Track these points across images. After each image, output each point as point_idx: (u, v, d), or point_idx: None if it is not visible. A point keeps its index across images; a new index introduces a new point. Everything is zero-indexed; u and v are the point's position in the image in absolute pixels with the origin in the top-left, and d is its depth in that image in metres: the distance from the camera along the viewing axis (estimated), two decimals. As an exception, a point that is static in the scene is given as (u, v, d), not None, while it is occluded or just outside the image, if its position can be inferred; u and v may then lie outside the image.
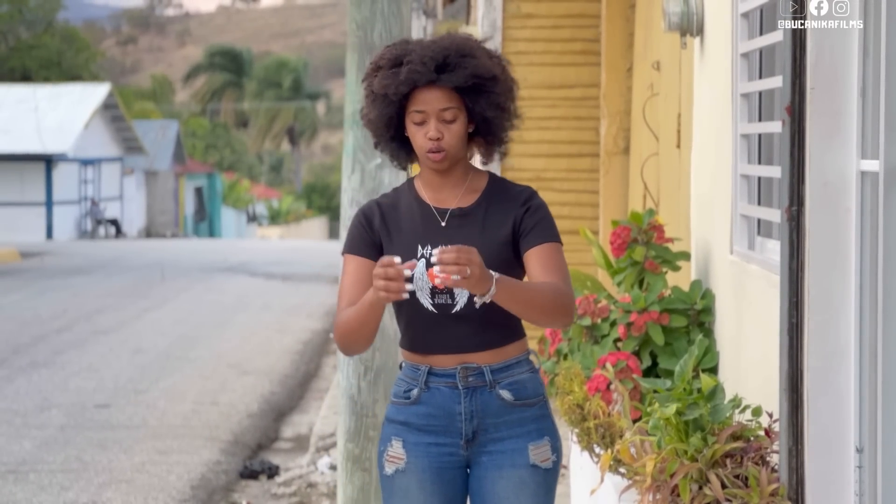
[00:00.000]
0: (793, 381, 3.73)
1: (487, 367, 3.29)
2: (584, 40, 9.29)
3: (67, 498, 7.31)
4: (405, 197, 3.38)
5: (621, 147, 8.87)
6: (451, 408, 3.31)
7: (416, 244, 3.29)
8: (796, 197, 3.69)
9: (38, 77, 48.43)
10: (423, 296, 3.27)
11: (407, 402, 3.34)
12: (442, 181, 3.34)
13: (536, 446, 3.33)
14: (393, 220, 3.34)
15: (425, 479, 3.33)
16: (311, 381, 11.98)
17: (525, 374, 3.34)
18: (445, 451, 3.33)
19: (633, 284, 5.80)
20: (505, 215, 3.31)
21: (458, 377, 3.28)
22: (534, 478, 3.34)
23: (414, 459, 3.33)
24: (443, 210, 3.33)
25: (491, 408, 3.31)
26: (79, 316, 15.92)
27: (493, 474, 3.32)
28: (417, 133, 3.26)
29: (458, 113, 3.25)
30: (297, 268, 24.04)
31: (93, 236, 41.26)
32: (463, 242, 3.24)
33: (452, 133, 3.25)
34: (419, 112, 3.24)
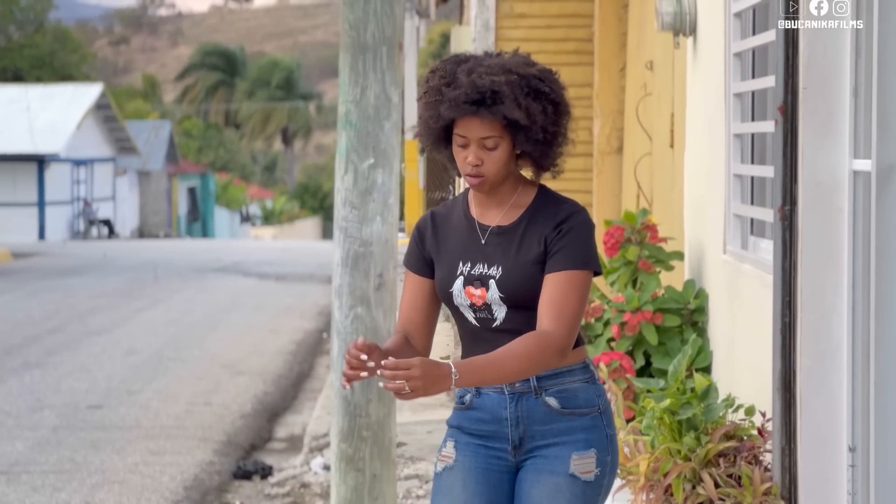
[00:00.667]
0: (786, 381, 3.74)
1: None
2: (577, 40, 9.29)
3: (60, 499, 7.30)
4: (457, 209, 3.38)
5: (615, 147, 8.88)
6: (498, 413, 3.31)
7: (458, 261, 3.30)
8: (789, 196, 3.70)
9: (29, 77, 48.36)
10: (466, 311, 3.28)
11: (462, 408, 3.37)
12: (487, 198, 3.31)
13: (580, 456, 3.27)
14: (443, 234, 3.35)
15: (470, 477, 3.33)
16: (304, 382, 11.97)
17: (577, 384, 3.29)
18: (493, 454, 3.33)
19: (626, 284, 5.81)
20: (539, 232, 3.25)
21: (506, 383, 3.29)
22: (571, 488, 3.28)
23: (462, 458, 3.35)
24: (485, 227, 3.31)
25: (536, 414, 3.29)
26: (71, 317, 15.90)
27: (531, 478, 3.31)
28: (459, 155, 3.24)
29: (500, 141, 3.20)
30: (291, 268, 24.03)
31: (85, 237, 41.20)
32: (497, 262, 3.24)
33: (493, 160, 3.21)
34: (461, 136, 3.22)
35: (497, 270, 3.25)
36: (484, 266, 3.26)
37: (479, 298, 3.26)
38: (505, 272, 3.24)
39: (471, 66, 3.20)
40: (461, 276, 3.28)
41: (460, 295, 3.27)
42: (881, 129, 3.45)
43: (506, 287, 3.24)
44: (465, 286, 3.26)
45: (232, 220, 53.92)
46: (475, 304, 3.27)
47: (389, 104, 5.56)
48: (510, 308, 3.24)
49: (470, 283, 3.25)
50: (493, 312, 3.26)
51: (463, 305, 3.28)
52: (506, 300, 3.24)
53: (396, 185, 5.80)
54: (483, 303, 3.23)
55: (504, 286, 3.23)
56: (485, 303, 3.24)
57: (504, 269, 3.25)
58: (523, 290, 3.22)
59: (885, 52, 3.44)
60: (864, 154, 3.57)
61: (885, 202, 3.46)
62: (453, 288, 3.28)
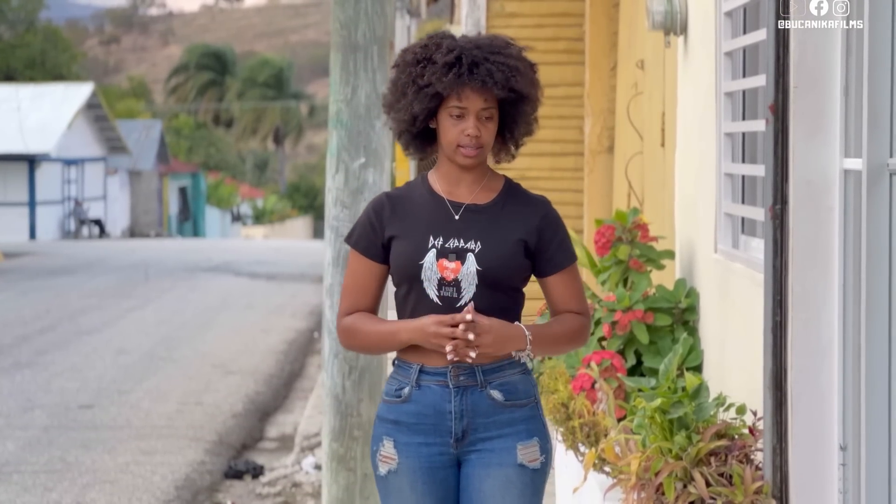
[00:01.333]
0: (777, 379, 3.74)
1: (479, 367, 3.31)
2: (567, 39, 9.29)
3: (51, 499, 7.29)
4: (418, 189, 3.41)
5: (605, 146, 8.88)
6: (441, 406, 3.32)
7: (429, 234, 3.32)
8: (780, 195, 3.70)
9: (20, 77, 48.25)
10: (431, 287, 3.29)
11: (398, 401, 3.35)
12: (460, 176, 3.37)
13: (525, 446, 3.34)
14: (404, 211, 3.37)
15: (417, 479, 3.35)
16: (295, 381, 11.97)
17: (517, 376, 3.36)
18: (436, 450, 3.34)
19: (617, 283, 5.81)
20: (520, 218, 3.36)
21: (450, 376, 3.30)
22: (521, 477, 3.34)
23: (405, 460, 3.35)
24: (457, 204, 3.36)
25: (481, 407, 3.32)
26: (62, 316, 15.87)
27: (480, 472, 3.33)
28: (453, 128, 3.29)
29: (494, 113, 3.33)
30: (282, 267, 24.02)
31: (76, 236, 41.14)
32: (474, 236, 3.30)
33: (489, 131, 3.32)
34: (460, 108, 3.28)
35: (476, 244, 3.30)
36: (459, 240, 3.30)
37: (451, 272, 3.28)
38: (485, 246, 3.30)
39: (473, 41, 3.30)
40: (433, 248, 3.30)
41: (431, 268, 3.29)
42: (872, 127, 3.45)
43: (485, 260, 3.28)
44: (438, 259, 3.28)
45: (223, 220, 53.86)
46: (444, 280, 3.28)
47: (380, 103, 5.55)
48: (481, 286, 3.28)
49: (444, 256, 3.28)
50: (460, 290, 3.28)
51: (430, 280, 3.29)
52: (481, 274, 3.28)
53: (387, 185, 5.81)
54: (454, 278, 3.26)
55: (483, 259, 3.28)
56: (455, 278, 3.26)
57: (484, 243, 3.30)
58: (502, 266, 3.29)
59: (875, 51, 3.45)
60: (855, 153, 3.57)
61: (876, 201, 3.47)
62: (424, 260, 3.29)
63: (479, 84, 3.23)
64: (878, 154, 3.45)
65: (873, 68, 3.44)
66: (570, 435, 4.43)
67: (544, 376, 4.56)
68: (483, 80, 3.24)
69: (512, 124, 3.36)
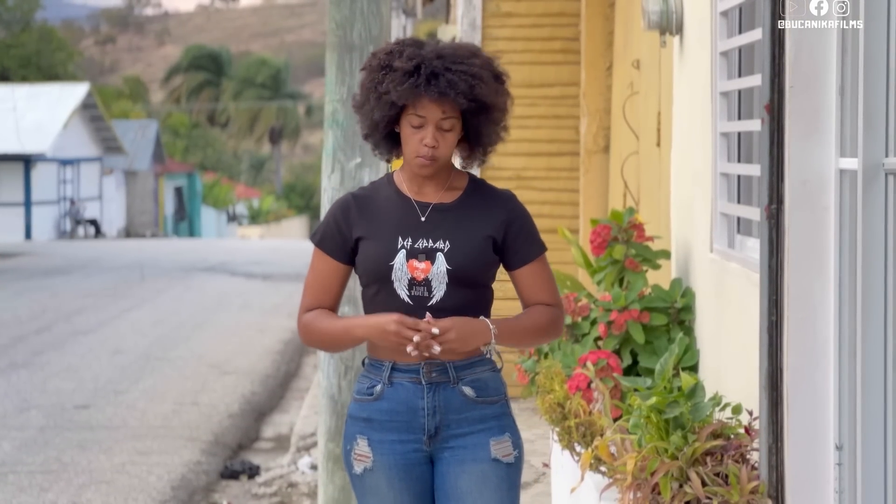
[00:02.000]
0: (772, 379, 3.74)
1: (451, 363, 3.32)
2: (563, 39, 9.29)
3: (47, 499, 7.28)
4: (384, 189, 3.43)
5: (601, 145, 8.88)
6: (413, 403, 3.34)
7: (397, 235, 3.33)
8: (776, 195, 3.70)
9: (15, 77, 48.20)
10: (401, 287, 3.30)
11: (370, 399, 3.37)
12: (424, 178, 3.39)
13: (497, 441, 3.37)
14: (370, 212, 3.38)
15: (393, 476, 3.37)
16: (291, 381, 11.97)
17: (487, 373, 3.39)
18: (410, 447, 3.36)
19: (613, 283, 5.81)
20: (487, 214, 3.37)
21: (422, 372, 3.32)
22: (496, 472, 3.37)
23: (380, 458, 3.36)
24: (424, 204, 3.38)
25: (453, 404, 3.35)
26: (58, 316, 15.86)
27: (455, 469, 3.35)
28: (413, 137, 3.30)
29: (456, 123, 3.31)
30: (278, 267, 24.00)
31: (72, 236, 41.11)
32: (442, 236, 3.31)
33: (447, 142, 3.32)
34: (419, 117, 3.28)
35: (444, 244, 3.32)
36: (428, 241, 3.32)
37: (421, 272, 3.30)
38: (454, 245, 3.31)
39: (435, 50, 3.29)
40: (403, 249, 3.31)
41: (402, 269, 3.30)
42: (867, 127, 3.45)
43: (454, 260, 3.30)
44: (408, 259, 3.30)
45: (219, 220, 53.84)
46: (415, 280, 3.30)
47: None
48: (451, 284, 3.30)
49: (413, 257, 3.30)
50: (431, 289, 3.30)
51: (400, 280, 3.30)
52: (451, 273, 3.29)
53: (383, 185, 5.79)
54: (424, 278, 3.28)
55: (452, 259, 3.30)
56: (426, 278, 3.29)
57: (452, 242, 3.31)
58: (471, 264, 3.31)
59: (871, 51, 3.45)
60: (851, 153, 3.57)
61: (872, 201, 3.47)
62: (394, 261, 3.30)
63: (436, 95, 3.22)
64: (874, 154, 3.46)
65: (869, 68, 3.45)
66: (566, 435, 4.43)
67: (540, 376, 4.55)
68: (441, 91, 3.22)
69: (477, 134, 3.35)
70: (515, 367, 5.95)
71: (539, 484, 6.81)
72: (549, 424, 4.57)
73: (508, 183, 8.88)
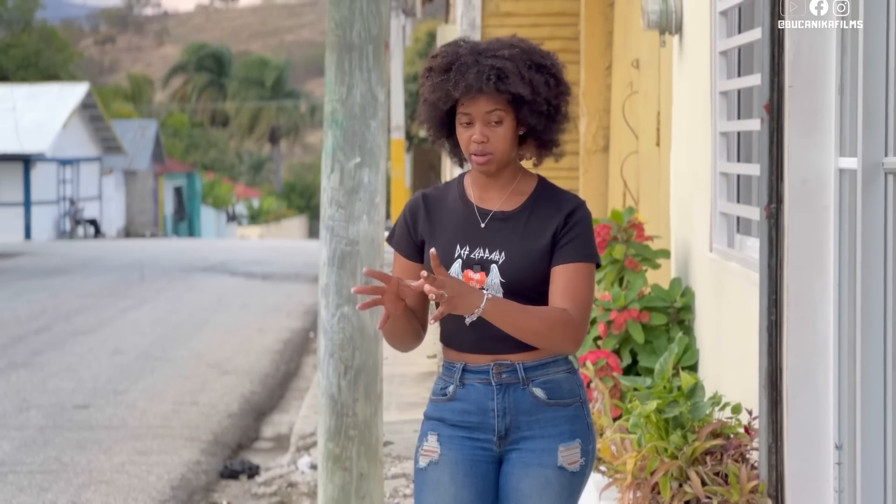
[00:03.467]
0: (772, 379, 3.74)
1: (521, 364, 3.30)
2: (563, 38, 9.29)
3: (47, 499, 7.28)
4: (453, 193, 3.40)
5: (601, 145, 8.88)
6: (484, 404, 3.32)
7: (455, 243, 3.31)
8: (775, 194, 3.70)
9: (15, 77, 48.19)
10: None
11: (443, 399, 3.36)
12: (489, 181, 3.35)
13: (566, 448, 3.32)
14: (437, 215, 3.36)
15: (457, 470, 3.34)
16: (291, 381, 11.97)
17: (561, 374, 3.34)
18: (479, 444, 3.34)
19: (613, 282, 5.81)
20: (546, 224, 3.30)
21: (492, 373, 3.30)
22: (559, 479, 3.32)
23: (448, 451, 3.35)
24: (485, 211, 3.33)
25: (523, 405, 3.31)
26: (57, 316, 15.86)
27: (519, 471, 3.33)
28: (464, 135, 3.28)
29: (505, 115, 3.26)
30: (277, 267, 24.00)
31: (71, 236, 41.12)
32: (500, 247, 3.27)
33: (498, 136, 3.26)
34: (466, 114, 3.26)
35: (500, 255, 3.28)
36: (485, 250, 3.28)
37: (476, 283, 3.27)
38: (509, 257, 3.27)
39: (473, 46, 3.27)
40: (459, 259, 3.30)
41: (457, 278, 3.26)
42: (867, 127, 3.45)
43: (508, 272, 3.26)
44: (464, 269, 3.28)
45: (218, 220, 53.84)
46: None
47: (376, 103, 5.56)
48: (507, 295, 3.26)
49: (469, 267, 3.27)
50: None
51: None
52: (506, 286, 3.26)
53: (383, 184, 5.80)
54: (480, 288, 3.24)
55: (507, 271, 3.26)
56: (482, 288, 3.25)
57: (508, 254, 3.27)
58: (526, 277, 3.26)
59: (870, 51, 3.45)
60: (850, 152, 3.57)
61: (871, 200, 3.47)
62: (450, 270, 3.28)
63: (464, 88, 3.20)
64: (873, 153, 3.46)
65: (868, 68, 3.45)
66: (565, 434, 4.43)
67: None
68: (468, 84, 3.20)
69: (530, 127, 3.28)
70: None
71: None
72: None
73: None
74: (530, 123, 3.27)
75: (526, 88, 3.23)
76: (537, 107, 3.26)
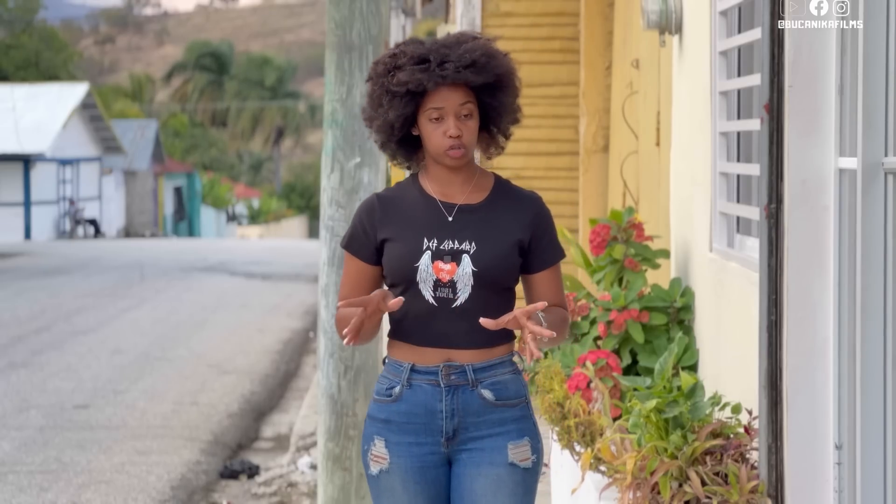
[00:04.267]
0: (772, 378, 3.74)
1: (470, 365, 3.31)
2: (562, 38, 9.29)
3: (46, 499, 7.28)
4: (410, 191, 3.40)
5: (601, 145, 8.88)
6: (432, 405, 3.32)
7: (423, 237, 3.32)
8: (775, 194, 3.70)
9: (15, 77, 48.18)
10: (426, 288, 3.29)
11: (389, 400, 3.35)
12: (450, 177, 3.37)
13: (516, 445, 3.35)
14: (396, 213, 3.37)
15: (408, 478, 3.35)
16: (291, 381, 11.97)
17: (507, 375, 3.36)
18: (427, 449, 3.34)
19: (612, 282, 5.81)
20: (514, 216, 3.36)
21: (441, 375, 3.30)
22: (512, 476, 3.35)
23: (397, 459, 3.35)
24: (450, 205, 3.36)
25: (472, 406, 3.32)
26: (57, 316, 15.86)
27: (471, 472, 3.34)
28: (435, 132, 3.29)
29: (474, 109, 3.31)
30: (277, 267, 24.01)
31: (71, 236, 41.11)
32: (470, 238, 3.30)
33: (470, 129, 3.31)
34: (436, 109, 3.27)
35: (470, 245, 3.30)
36: (454, 242, 3.31)
37: (447, 274, 3.29)
38: (480, 247, 3.30)
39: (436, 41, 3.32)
40: (428, 251, 3.31)
41: (427, 270, 3.29)
42: (867, 126, 3.45)
43: (481, 261, 3.29)
44: (434, 261, 3.29)
45: (218, 220, 53.83)
46: (440, 281, 3.29)
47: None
48: (477, 286, 3.29)
49: (439, 258, 3.29)
50: (456, 291, 3.29)
51: (425, 281, 3.30)
52: (477, 275, 3.29)
53: (382, 184, 5.81)
54: (449, 279, 3.27)
55: (479, 260, 3.29)
56: (451, 279, 3.27)
57: (479, 244, 3.30)
58: (497, 266, 3.30)
59: (870, 51, 3.45)
60: (850, 152, 3.57)
61: (871, 200, 3.47)
62: (420, 263, 3.29)
63: (451, 75, 3.23)
64: (873, 153, 3.46)
65: (868, 68, 3.45)
66: (565, 434, 4.44)
67: (540, 375, 4.55)
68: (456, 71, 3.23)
69: (495, 116, 3.35)
70: (515, 367, 5.95)
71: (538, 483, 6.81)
72: (548, 424, 4.57)
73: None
74: (499, 111, 3.33)
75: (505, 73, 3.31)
76: (508, 92, 3.33)
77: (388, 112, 3.30)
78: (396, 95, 3.27)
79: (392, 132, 3.33)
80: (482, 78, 3.25)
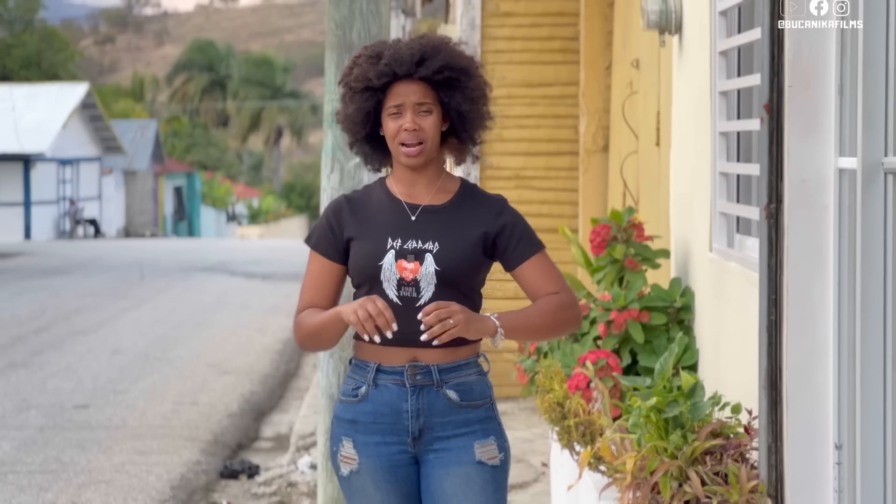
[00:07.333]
0: (772, 378, 3.74)
1: (435, 366, 3.34)
2: (562, 38, 9.29)
3: (46, 499, 7.28)
4: (376, 193, 3.46)
5: (600, 145, 8.88)
6: (397, 405, 3.35)
7: (387, 236, 3.36)
8: (775, 194, 3.71)
9: (16, 77, 48.18)
10: (390, 287, 3.32)
11: (354, 400, 3.39)
12: (415, 178, 3.42)
13: (482, 444, 3.39)
14: (362, 213, 3.41)
15: (379, 478, 3.38)
16: (291, 381, 11.97)
17: (473, 377, 3.40)
18: (395, 449, 3.37)
19: (612, 282, 5.81)
20: (477, 217, 3.39)
21: (406, 375, 3.33)
22: (481, 474, 3.38)
23: (365, 460, 3.38)
24: (414, 205, 3.40)
25: (437, 407, 3.36)
26: (57, 316, 15.86)
27: (440, 472, 3.36)
28: (393, 126, 3.34)
29: (434, 107, 3.34)
30: (277, 267, 24.00)
31: (71, 236, 41.11)
32: (433, 237, 3.34)
33: (429, 124, 3.34)
34: (395, 105, 3.33)
35: (434, 245, 3.33)
36: (417, 241, 3.34)
37: (410, 273, 3.31)
38: (443, 246, 3.33)
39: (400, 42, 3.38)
40: (392, 249, 3.34)
41: (390, 269, 3.32)
42: (866, 126, 3.45)
43: (443, 260, 3.32)
44: (397, 260, 3.31)
45: (218, 220, 53.84)
46: (404, 280, 3.32)
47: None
48: (440, 285, 3.31)
49: (402, 257, 3.31)
50: (419, 290, 3.31)
51: (389, 280, 3.32)
52: (440, 274, 3.31)
53: (383, 184, 5.79)
54: (413, 278, 3.30)
55: (441, 259, 3.32)
56: (414, 278, 3.30)
57: (441, 243, 3.33)
58: (459, 265, 3.32)
59: (870, 51, 3.45)
60: (850, 152, 3.57)
61: (871, 200, 3.47)
62: (384, 261, 3.33)
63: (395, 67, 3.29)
64: (873, 153, 3.46)
65: (868, 68, 3.45)
66: (565, 434, 4.44)
67: (539, 375, 4.56)
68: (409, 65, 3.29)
69: (459, 120, 3.38)
70: (515, 367, 5.96)
71: (538, 483, 6.82)
72: (548, 424, 4.57)
73: (507, 182, 8.89)
74: (461, 109, 3.34)
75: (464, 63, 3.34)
76: (469, 92, 3.35)
77: (347, 108, 3.37)
78: (356, 91, 3.34)
79: (356, 129, 3.39)
80: (427, 69, 3.29)
